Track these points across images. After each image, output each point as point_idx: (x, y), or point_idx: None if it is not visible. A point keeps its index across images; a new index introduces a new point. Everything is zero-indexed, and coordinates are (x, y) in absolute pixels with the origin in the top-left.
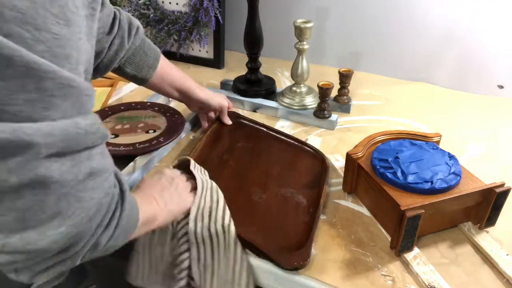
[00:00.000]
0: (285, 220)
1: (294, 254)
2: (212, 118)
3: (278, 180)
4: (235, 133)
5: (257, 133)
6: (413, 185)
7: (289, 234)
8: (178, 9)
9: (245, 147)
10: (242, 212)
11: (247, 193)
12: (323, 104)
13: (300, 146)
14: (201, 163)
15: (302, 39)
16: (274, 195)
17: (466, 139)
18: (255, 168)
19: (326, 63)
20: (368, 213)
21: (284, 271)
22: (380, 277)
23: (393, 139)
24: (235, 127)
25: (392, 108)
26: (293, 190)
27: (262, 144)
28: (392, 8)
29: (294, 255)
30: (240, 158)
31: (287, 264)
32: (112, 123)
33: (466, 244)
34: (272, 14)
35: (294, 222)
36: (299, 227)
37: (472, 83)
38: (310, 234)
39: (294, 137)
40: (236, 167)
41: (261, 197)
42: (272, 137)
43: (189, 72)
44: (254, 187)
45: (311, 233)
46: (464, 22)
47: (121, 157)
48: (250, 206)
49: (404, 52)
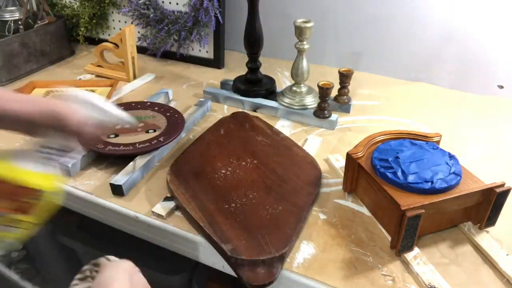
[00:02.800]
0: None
1: (260, 272)
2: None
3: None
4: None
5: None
6: (413, 185)
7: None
8: (178, 9)
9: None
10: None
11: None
12: (323, 104)
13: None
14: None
15: (302, 39)
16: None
17: (466, 139)
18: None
19: (326, 63)
20: (368, 213)
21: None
22: (380, 277)
23: (393, 139)
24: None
25: (392, 108)
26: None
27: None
28: (392, 8)
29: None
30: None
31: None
32: None
33: (466, 244)
34: (272, 14)
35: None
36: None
37: (472, 83)
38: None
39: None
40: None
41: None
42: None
43: (189, 72)
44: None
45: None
46: (464, 22)
47: (121, 157)
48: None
49: (404, 52)
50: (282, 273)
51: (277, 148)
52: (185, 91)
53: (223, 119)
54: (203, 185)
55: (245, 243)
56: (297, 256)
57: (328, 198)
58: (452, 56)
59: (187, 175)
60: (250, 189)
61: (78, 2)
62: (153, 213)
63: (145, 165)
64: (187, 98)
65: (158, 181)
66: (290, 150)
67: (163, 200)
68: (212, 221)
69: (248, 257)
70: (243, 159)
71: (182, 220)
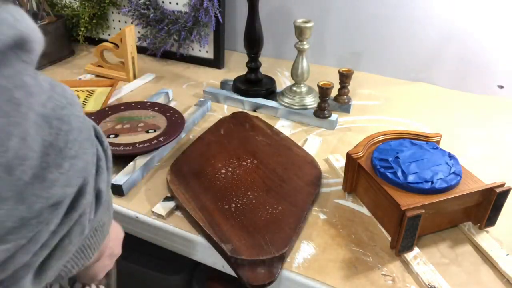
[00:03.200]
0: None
1: (260, 272)
2: None
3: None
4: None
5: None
6: (413, 185)
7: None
8: (178, 9)
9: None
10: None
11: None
12: (323, 104)
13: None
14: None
15: (302, 39)
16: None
17: (466, 139)
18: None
19: (326, 63)
20: (368, 213)
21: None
22: (380, 277)
23: (393, 139)
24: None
25: (392, 108)
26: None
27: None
28: (392, 8)
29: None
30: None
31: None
32: (112, 123)
33: (466, 244)
34: (272, 14)
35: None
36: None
37: (472, 83)
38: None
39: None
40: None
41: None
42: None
43: (189, 72)
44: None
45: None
46: (464, 22)
47: (121, 156)
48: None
49: (404, 52)
50: (282, 273)
51: (277, 148)
52: (185, 91)
53: (223, 119)
54: (203, 185)
55: (245, 243)
56: (297, 256)
57: (328, 198)
58: (452, 56)
59: (187, 175)
60: (250, 189)
61: (78, 2)
62: (153, 213)
63: (145, 165)
64: (187, 98)
65: (158, 181)
66: (290, 150)
67: (163, 200)
68: (212, 221)
69: (248, 257)
70: (243, 159)
71: (182, 220)
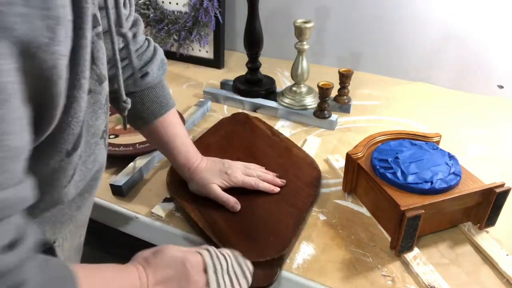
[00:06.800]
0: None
1: (260, 274)
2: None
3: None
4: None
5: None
6: (413, 185)
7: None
8: (178, 9)
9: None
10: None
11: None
12: (323, 104)
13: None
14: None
15: (302, 39)
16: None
17: (466, 139)
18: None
19: (326, 63)
20: (368, 213)
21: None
22: (380, 277)
23: (393, 139)
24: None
25: (392, 108)
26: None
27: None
28: (392, 8)
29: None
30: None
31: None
32: (112, 123)
33: (466, 244)
34: (272, 14)
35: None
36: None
37: (472, 83)
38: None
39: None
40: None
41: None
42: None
43: (189, 72)
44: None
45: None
46: (464, 22)
47: (121, 157)
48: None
49: (404, 52)
50: (282, 274)
51: (277, 150)
52: (185, 91)
53: (223, 120)
54: None
55: (244, 244)
56: (297, 257)
57: (328, 198)
58: (452, 56)
59: None
60: (249, 191)
61: None
62: (152, 214)
63: (145, 165)
64: (187, 98)
65: (158, 182)
66: (290, 151)
67: (162, 201)
68: (211, 223)
69: (248, 259)
70: (243, 160)
71: (182, 221)
